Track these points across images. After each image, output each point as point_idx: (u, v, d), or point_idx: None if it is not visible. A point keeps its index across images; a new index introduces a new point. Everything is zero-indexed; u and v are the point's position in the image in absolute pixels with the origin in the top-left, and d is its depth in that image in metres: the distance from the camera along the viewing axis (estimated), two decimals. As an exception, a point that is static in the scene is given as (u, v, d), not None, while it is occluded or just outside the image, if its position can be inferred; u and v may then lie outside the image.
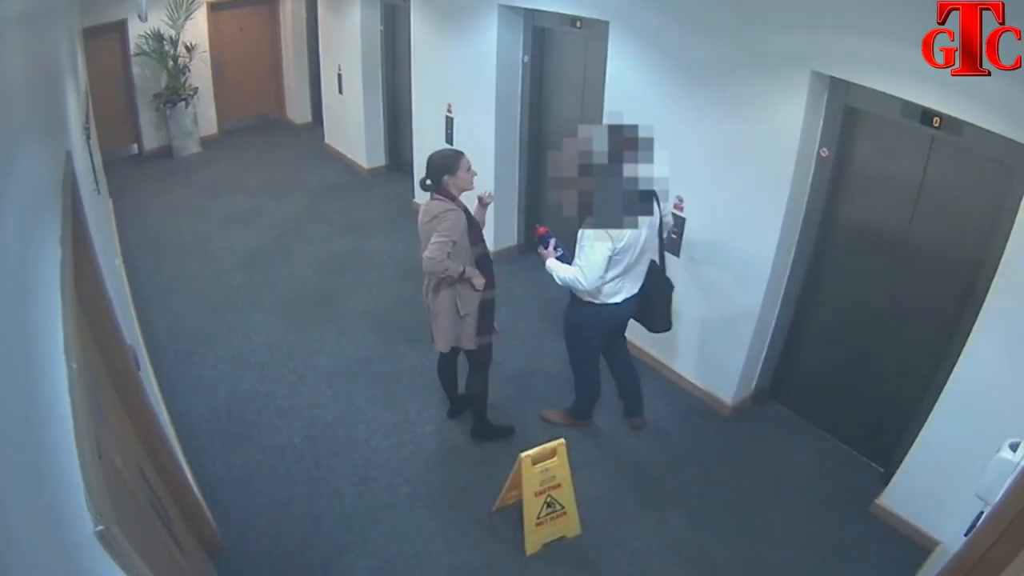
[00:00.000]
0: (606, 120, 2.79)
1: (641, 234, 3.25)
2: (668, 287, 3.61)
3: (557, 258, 3.44)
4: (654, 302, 3.57)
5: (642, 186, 3.12)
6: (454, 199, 3.28)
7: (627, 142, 2.97)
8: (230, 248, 6.11)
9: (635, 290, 3.47)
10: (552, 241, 3.49)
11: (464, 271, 3.29)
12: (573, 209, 3.14)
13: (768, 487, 3.70)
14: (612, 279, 3.31)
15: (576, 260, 3.28)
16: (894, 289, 3.49)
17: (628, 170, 3.02)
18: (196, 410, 4.16)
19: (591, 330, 3.59)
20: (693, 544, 3.37)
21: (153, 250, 6.05)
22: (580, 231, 3.26)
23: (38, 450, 1.22)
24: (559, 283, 3.38)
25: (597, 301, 3.42)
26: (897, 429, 3.56)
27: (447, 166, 3.25)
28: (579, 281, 3.26)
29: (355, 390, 4.36)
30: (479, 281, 3.35)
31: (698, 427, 4.12)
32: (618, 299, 3.43)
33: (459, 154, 3.32)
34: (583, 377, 3.87)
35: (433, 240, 3.19)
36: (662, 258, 3.58)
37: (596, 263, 3.19)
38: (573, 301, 3.55)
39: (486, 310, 3.50)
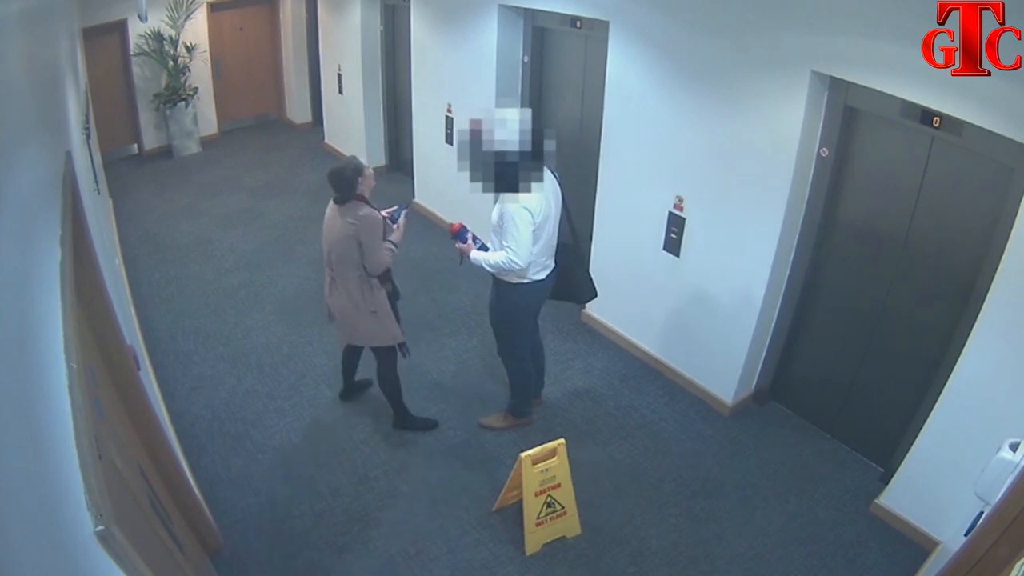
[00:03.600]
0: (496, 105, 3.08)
1: (551, 207, 3.37)
2: (581, 255, 3.71)
3: (478, 249, 3.50)
4: (572, 273, 3.65)
5: (547, 159, 3.31)
6: (366, 200, 3.40)
7: (528, 123, 3.19)
8: (230, 248, 6.11)
9: (553, 264, 3.56)
10: (469, 234, 3.54)
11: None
12: (491, 186, 3.25)
13: (768, 487, 3.70)
14: (536, 255, 3.39)
15: (504, 243, 3.31)
16: (894, 289, 3.49)
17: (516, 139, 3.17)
18: (196, 410, 4.16)
19: (522, 312, 3.64)
20: (693, 544, 3.37)
21: (153, 250, 6.05)
22: (498, 214, 3.31)
23: (38, 450, 1.22)
24: (490, 271, 3.43)
25: (525, 280, 3.47)
26: (897, 429, 3.56)
27: (357, 170, 3.35)
28: (513, 262, 3.28)
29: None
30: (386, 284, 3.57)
31: (698, 427, 4.12)
32: (543, 275, 3.51)
33: (358, 161, 3.44)
34: (517, 364, 3.84)
35: (381, 247, 3.38)
36: (572, 227, 3.62)
37: (524, 240, 3.25)
38: (499, 287, 3.56)
39: (393, 306, 3.65)
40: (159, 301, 5.29)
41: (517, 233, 3.23)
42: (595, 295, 3.82)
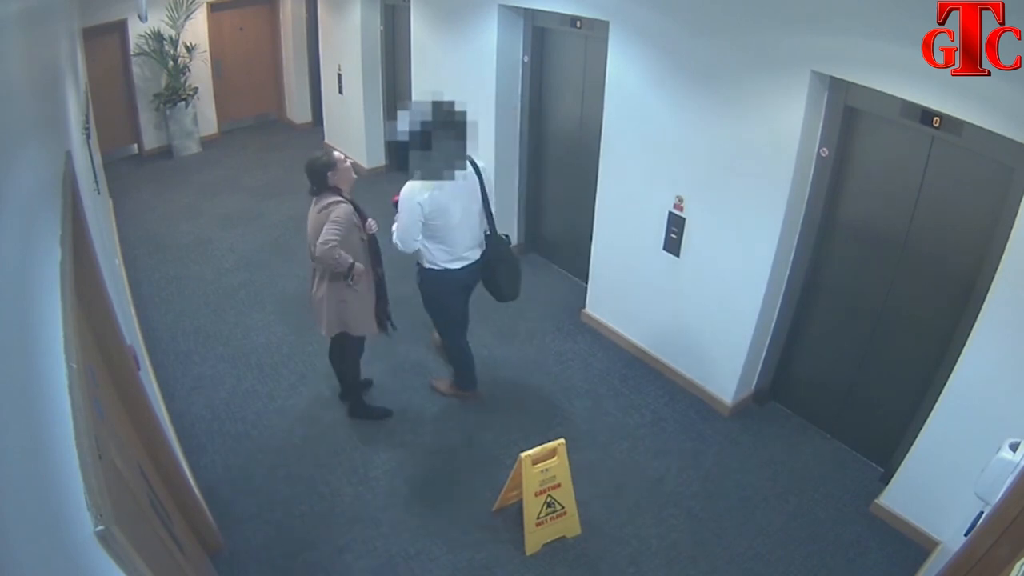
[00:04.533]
0: (432, 98, 3.33)
1: (458, 203, 3.53)
2: (510, 259, 3.84)
3: None
4: (495, 271, 3.79)
5: (455, 152, 3.41)
6: (340, 192, 3.46)
7: (446, 115, 3.32)
8: (230, 248, 6.11)
9: (473, 259, 3.73)
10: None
11: (352, 266, 3.43)
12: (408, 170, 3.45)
13: (768, 487, 3.70)
14: (436, 246, 3.61)
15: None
16: (894, 289, 3.49)
17: (444, 137, 3.32)
18: (196, 410, 4.16)
19: (441, 296, 3.84)
20: (693, 544, 3.37)
21: (153, 250, 6.05)
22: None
23: (38, 450, 1.22)
24: None
25: (437, 267, 3.69)
26: (897, 429, 3.56)
27: (327, 164, 3.43)
28: (395, 240, 3.58)
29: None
30: (359, 281, 3.52)
31: (698, 427, 4.12)
32: (456, 266, 3.68)
33: (332, 154, 3.52)
34: (452, 341, 4.05)
35: (325, 228, 3.34)
36: (492, 226, 3.76)
37: (404, 223, 3.51)
38: (418, 268, 3.79)
39: (380, 296, 3.73)
40: (159, 301, 5.29)
41: (401, 216, 3.52)
42: (515, 296, 3.92)
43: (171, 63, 7.78)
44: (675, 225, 4.10)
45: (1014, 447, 2.30)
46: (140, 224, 6.50)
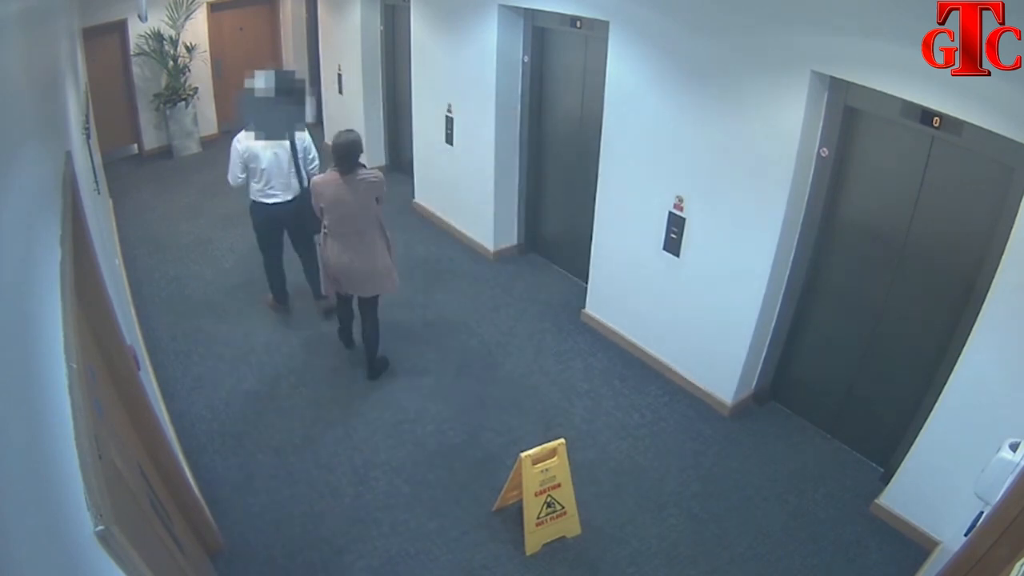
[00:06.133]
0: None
1: (261, 151, 4.40)
2: (305, 213, 4.38)
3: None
4: (299, 214, 4.55)
5: (296, 115, 4.39)
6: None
7: (287, 83, 4.23)
8: (230, 248, 6.11)
9: (281, 199, 4.56)
10: None
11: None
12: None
13: (768, 487, 3.70)
14: (257, 184, 4.50)
15: None
16: (894, 289, 3.49)
17: (286, 102, 4.22)
18: (196, 410, 4.16)
19: (257, 222, 4.71)
20: (693, 544, 3.37)
21: (153, 250, 6.05)
22: None
23: (38, 450, 1.22)
24: None
25: (254, 199, 4.59)
26: (897, 429, 3.56)
27: (360, 145, 3.92)
28: (228, 176, 4.55)
29: (355, 390, 4.36)
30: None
31: (698, 427, 4.12)
32: (269, 200, 4.57)
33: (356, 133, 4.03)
34: (264, 259, 4.94)
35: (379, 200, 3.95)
36: (300, 179, 4.57)
37: (230, 163, 4.48)
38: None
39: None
40: (159, 301, 5.29)
41: (230, 157, 4.47)
42: (314, 232, 4.53)
43: (171, 63, 7.78)
44: (675, 225, 4.10)
45: (1014, 447, 2.30)
46: (140, 224, 6.50)
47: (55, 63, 3.14)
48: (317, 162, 4.64)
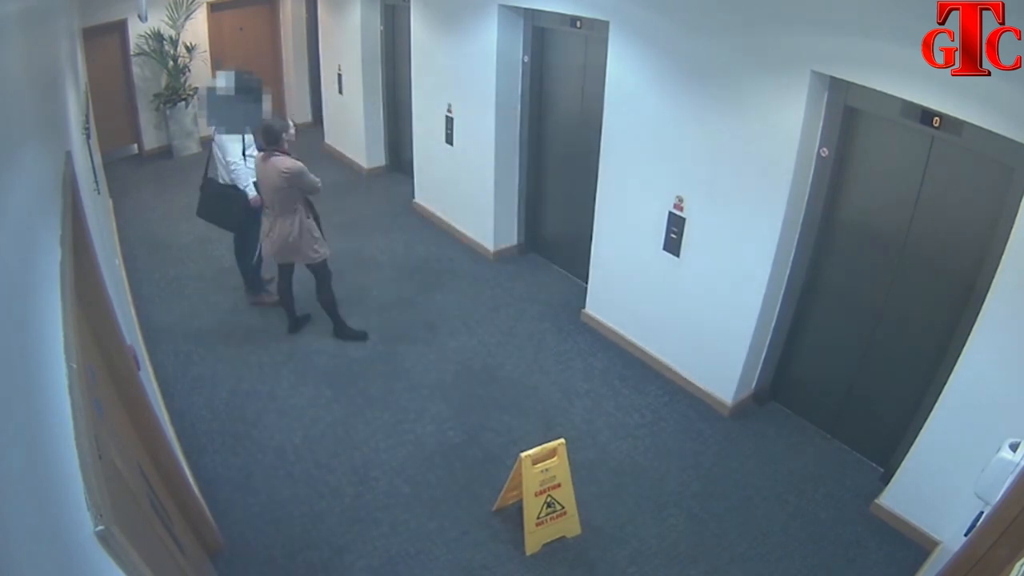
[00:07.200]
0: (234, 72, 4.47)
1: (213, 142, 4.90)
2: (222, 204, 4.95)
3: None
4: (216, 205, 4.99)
5: (253, 112, 4.46)
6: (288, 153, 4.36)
7: (245, 82, 4.46)
8: (230, 248, 6.07)
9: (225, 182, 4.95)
10: None
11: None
12: None
13: (768, 487, 3.70)
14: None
15: None
16: (894, 289, 3.49)
17: (244, 100, 4.46)
18: (196, 410, 4.16)
19: None
20: (693, 544, 3.37)
21: (153, 250, 6.05)
22: None
23: (38, 450, 1.22)
24: None
25: None
26: (897, 429, 3.56)
27: (283, 127, 4.30)
28: None
29: (355, 390, 4.36)
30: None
31: (698, 427, 4.12)
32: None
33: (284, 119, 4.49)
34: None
35: (297, 168, 4.25)
36: (205, 169, 5.01)
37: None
38: None
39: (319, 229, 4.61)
40: (159, 301, 5.29)
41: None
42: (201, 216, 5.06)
43: (171, 63, 7.78)
44: (675, 225, 4.10)
45: (1014, 447, 2.30)
46: (140, 224, 6.50)
47: (55, 63, 3.14)
48: (233, 164, 4.85)
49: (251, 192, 4.80)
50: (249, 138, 4.74)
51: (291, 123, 4.46)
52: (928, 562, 3.16)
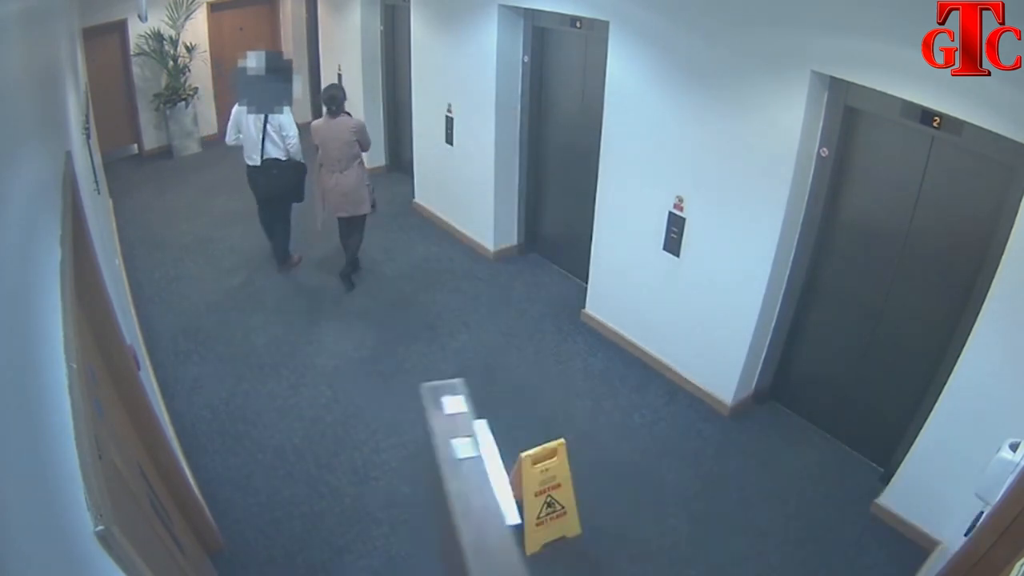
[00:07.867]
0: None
1: (249, 120, 4.99)
2: (273, 174, 5.21)
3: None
4: (268, 184, 5.27)
5: (283, 91, 4.82)
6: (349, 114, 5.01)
7: (275, 62, 4.73)
8: (230, 248, 6.11)
9: (255, 163, 5.13)
10: None
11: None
12: None
13: (768, 487, 3.70)
14: (245, 148, 5.14)
15: None
16: (894, 289, 3.49)
17: (274, 79, 4.71)
18: (196, 410, 4.16)
19: (248, 181, 5.35)
20: (693, 544, 3.37)
21: (153, 250, 6.05)
22: None
23: (38, 450, 1.22)
24: None
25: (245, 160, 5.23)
26: (897, 429, 3.56)
27: (345, 93, 4.98)
28: None
29: (355, 390, 4.36)
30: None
31: (698, 427, 4.12)
32: (248, 163, 5.19)
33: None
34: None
35: (361, 126, 5.03)
36: (261, 149, 5.09)
37: (230, 122, 5.15)
38: None
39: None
40: (159, 301, 5.29)
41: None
42: (267, 196, 5.40)
43: (171, 63, 7.78)
44: (675, 225, 4.10)
45: (1014, 447, 2.30)
46: (140, 224, 6.50)
47: (55, 63, 3.14)
48: (293, 140, 5.13)
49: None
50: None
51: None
52: (928, 562, 3.16)
